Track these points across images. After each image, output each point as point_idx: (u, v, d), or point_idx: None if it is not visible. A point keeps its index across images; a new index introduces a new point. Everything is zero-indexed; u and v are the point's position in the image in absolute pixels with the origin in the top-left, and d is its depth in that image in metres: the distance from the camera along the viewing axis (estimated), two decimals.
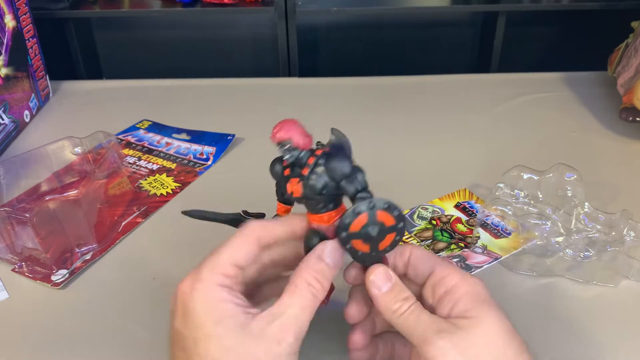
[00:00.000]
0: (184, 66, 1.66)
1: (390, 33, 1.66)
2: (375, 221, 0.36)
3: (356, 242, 0.36)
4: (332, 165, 0.36)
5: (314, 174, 0.36)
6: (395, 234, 0.37)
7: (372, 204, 0.35)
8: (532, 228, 0.53)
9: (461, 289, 0.36)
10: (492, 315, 0.34)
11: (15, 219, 0.53)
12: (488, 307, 0.35)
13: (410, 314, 0.35)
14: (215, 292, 0.33)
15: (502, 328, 0.34)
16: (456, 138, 0.75)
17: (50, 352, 0.47)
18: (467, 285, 0.36)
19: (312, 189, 0.36)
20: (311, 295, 0.34)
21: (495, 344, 0.34)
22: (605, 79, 0.85)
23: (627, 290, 0.51)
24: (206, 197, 0.64)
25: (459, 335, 0.33)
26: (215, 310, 0.32)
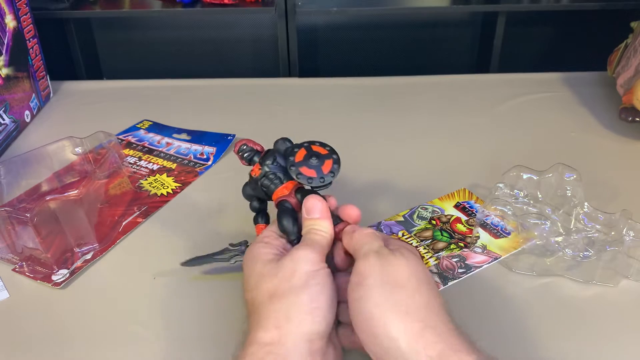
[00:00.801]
0: (184, 66, 1.66)
1: (390, 33, 1.66)
2: (312, 151, 0.47)
3: (303, 168, 0.46)
4: (275, 144, 0.49)
5: (266, 154, 0.49)
6: (332, 161, 0.47)
7: (307, 142, 0.48)
8: (531, 228, 0.53)
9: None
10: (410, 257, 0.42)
11: (15, 219, 0.53)
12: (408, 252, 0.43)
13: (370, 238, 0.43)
14: (256, 247, 0.44)
15: (414, 264, 0.41)
16: (456, 138, 0.75)
17: (50, 352, 0.47)
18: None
19: (267, 163, 0.48)
20: (315, 235, 0.44)
21: (404, 274, 0.40)
22: (605, 79, 0.85)
23: (626, 290, 0.51)
24: (206, 197, 0.65)
25: (387, 259, 0.41)
26: (253, 256, 0.44)
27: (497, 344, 0.46)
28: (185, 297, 0.52)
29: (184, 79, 0.91)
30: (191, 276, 0.53)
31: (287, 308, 0.38)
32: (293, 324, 0.38)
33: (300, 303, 0.38)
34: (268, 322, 0.38)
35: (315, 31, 1.66)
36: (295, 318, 0.38)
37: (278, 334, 0.38)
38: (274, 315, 0.38)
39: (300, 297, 0.39)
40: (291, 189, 0.47)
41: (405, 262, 0.40)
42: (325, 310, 0.39)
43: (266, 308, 0.39)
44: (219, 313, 0.50)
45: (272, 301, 0.39)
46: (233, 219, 0.60)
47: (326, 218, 0.45)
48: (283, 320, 0.38)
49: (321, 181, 0.46)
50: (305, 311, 0.38)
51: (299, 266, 0.40)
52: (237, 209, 0.62)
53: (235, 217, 0.61)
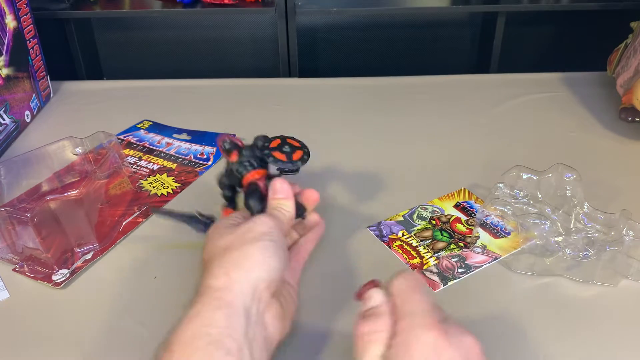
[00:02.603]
0: (185, 66, 1.66)
1: (390, 33, 1.66)
2: (285, 142, 0.52)
3: (276, 153, 0.50)
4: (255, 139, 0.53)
5: (246, 146, 0.52)
6: (302, 153, 0.51)
7: (284, 136, 0.52)
8: (531, 228, 0.53)
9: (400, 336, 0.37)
10: None
11: (16, 219, 0.53)
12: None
13: (367, 343, 0.39)
14: (223, 220, 0.47)
15: None
16: (456, 138, 0.75)
17: (51, 352, 0.47)
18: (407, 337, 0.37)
19: (244, 153, 0.51)
20: (279, 213, 0.47)
21: None
22: (605, 79, 0.85)
23: (626, 290, 0.51)
24: (206, 197, 0.64)
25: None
26: (217, 225, 0.46)
27: (497, 344, 0.46)
28: (185, 297, 0.52)
29: (184, 79, 0.91)
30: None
31: (237, 257, 0.41)
32: (242, 270, 0.40)
33: (251, 253, 0.41)
34: (219, 270, 0.40)
35: (315, 31, 1.66)
36: (244, 266, 0.40)
37: (227, 280, 0.40)
38: (225, 265, 0.41)
39: (251, 249, 0.41)
40: (262, 175, 0.51)
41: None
42: (274, 263, 0.41)
43: (219, 259, 0.41)
44: None
45: (226, 253, 0.41)
46: None
47: (290, 198, 0.48)
48: (232, 268, 0.40)
49: (290, 165, 0.50)
50: (255, 261, 0.41)
51: (255, 226, 0.43)
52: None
53: None
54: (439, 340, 0.35)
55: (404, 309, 0.37)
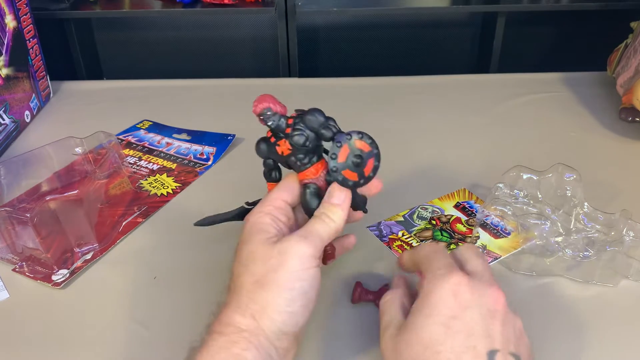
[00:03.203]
0: (184, 66, 1.66)
1: (390, 33, 1.66)
2: (355, 149, 0.43)
3: (346, 172, 0.43)
4: (308, 117, 0.43)
5: (296, 130, 0.43)
6: (373, 159, 0.44)
7: (348, 136, 0.43)
8: (531, 228, 0.53)
9: (423, 288, 0.40)
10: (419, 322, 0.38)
11: (16, 219, 0.53)
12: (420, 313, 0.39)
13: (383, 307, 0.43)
14: (260, 217, 0.43)
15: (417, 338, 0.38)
16: (456, 138, 0.75)
17: (51, 352, 0.47)
18: (428, 286, 0.40)
19: (297, 143, 0.43)
20: (322, 223, 0.43)
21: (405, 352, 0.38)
22: (605, 79, 0.85)
23: (626, 290, 0.51)
24: (206, 197, 0.65)
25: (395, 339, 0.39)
26: (254, 228, 0.43)
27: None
28: (186, 297, 0.52)
29: (184, 79, 0.91)
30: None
31: (265, 302, 0.39)
32: (267, 320, 0.39)
33: (278, 303, 0.39)
34: (246, 310, 0.39)
35: (315, 31, 1.66)
36: (269, 316, 0.39)
37: (254, 324, 0.39)
38: (253, 305, 0.39)
39: (279, 296, 0.39)
40: (320, 172, 0.45)
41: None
42: (297, 315, 0.40)
43: (247, 294, 0.40)
44: None
45: (254, 288, 0.40)
46: None
47: (343, 208, 0.44)
48: (259, 313, 0.39)
49: (362, 183, 0.44)
50: (279, 312, 0.39)
51: (288, 262, 0.40)
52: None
53: None
54: (460, 285, 0.38)
55: (427, 266, 0.41)
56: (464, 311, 0.37)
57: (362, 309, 0.50)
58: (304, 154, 0.44)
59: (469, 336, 0.36)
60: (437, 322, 0.37)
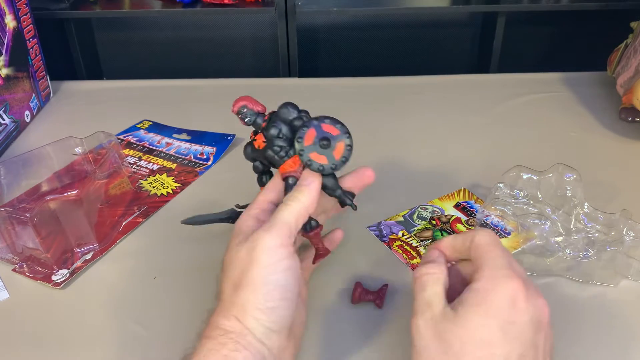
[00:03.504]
0: (184, 66, 1.66)
1: (390, 33, 1.66)
2: (322, 132, 0.43)
3: (313, 155, 0.43)
4: (281, 110, 0.46)
5: (270, 122, 0.45)
6: (343, 143, 0.43)
7: (315, 120, 0.43)
8: (531, 228, 0.53)
9: (479, 282, 0.38)
10: (475, 320, 0.36)
11: (15, 219, 0.53)
12: (477, 310, 0.37)
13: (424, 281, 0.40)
14: (244, 221, 0.44)
15: (473, 335, 0.36)
16: (456, 138, 0.75)
17: (51, 352, 0.47)
18: (487, 283, 0.38)
19: (272, 136, 0.44)
20: (287, 207, 0.42)
21: (456, 346, 0.36)
22: (605, 79, 0.85)
23: (626, 290, 0.51)
24: (206, 197, 0.65)
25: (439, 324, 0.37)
26: (235, 233, 0.43)
27: None
28: (186, 297, 0.52)
29: (184, 79, 0.91)
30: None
31: (244, 302, 0.39)
32: (250, 319, 0.39)
33: (256, 300, 0.39)
34: (229, 312, 0.39)
35: (315, 31, 1.66)
36: (252, 315, 0.39)
37: (239, 326, 0.38)
38: (234, 307, 0.39)
39: (256, 294, 0.39)
40: (298, 164, 0.44)
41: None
42: (281, 309, 0.39)
43: (228, 298, 0.40)
44: None
45: (233, 292, 0.40)
46: None
47: (311, 189, 0.43)
48: (241, 314, 0.39)
49: (332, 167, 0.43)
50: (259, 309, 0.39)
51: (258, 258, 0.39)
52: None
53: None
54: (519, 292, 0.37)
55: (486, 259, 0.39)
56: (520, 318, 0.36)
57: (362, 309, 0.50)
58: (279, 147, 0.44)
59: (522, 344, 0.36)
60: (495, 324, 0.36)
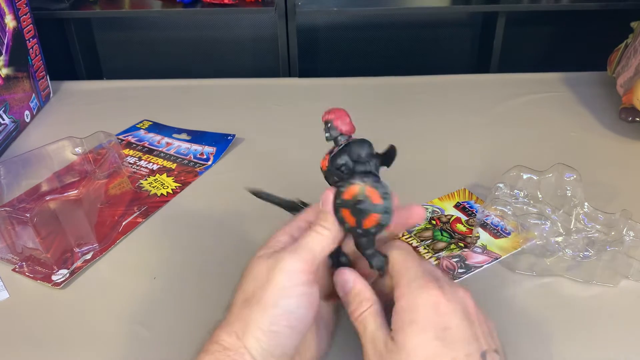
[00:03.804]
0: (184, 66, 1.66)
1: (390, 33, 1.66)
2: (364, 194, 0.39)
3: (345, 211, 0.39)
4: (354, 145, 0.41)
5: (340, 151, 0.41)
6: (379, 215, 0.39)
7: (366, 179, 0.39)
8: (531, 228, 0.53)
9: (400, 302, 0.38)
10: (412, 342, 0.36)
11: (15, 219, 0.53)
12: (410, 332, 0.37)
13: (362, 319, 0.39)
14: (281, 234, 0.42)
15: (420, 357, 0.36)
16: (456, 138, 0.75)
17: (50, 352, 0.47)
18: (407, 301, 0.38)
19: (332, 163, 0.41)
20: (315, 234, 0.40)
21: None
22: (605, 79, 0.85)
23: (626, 290, 0.51)
24: (206, 197, 0.65)
25: (386, 359, 0.37)
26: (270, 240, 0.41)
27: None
28: (185, 297, 0.52)
29: (184, 79, 0.91)
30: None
31: (248, 321, 0.37)
32: (249, 339, 0.37)
33: (261, 321, 0.37)
34: (231, 327, 0.38)
35: (315, 31, 1.66)
36: (252, 335, 0.37)
37: (238, 343, 0.37)
38: (237, 323, 0.38)
39: (262, 315, 0.37)
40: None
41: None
42: (284, 337, 0.37)
43: (235, 311, 0.38)
44: (220, 313, 0.50)
45: (242, 306, 0.38)
46: (233, 218, 0.60)
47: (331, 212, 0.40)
48: (242, 331, 0.37)
49: (359, 232, 0.40)
50: (262, 330, 0.37)
51: (276, 278, 0.38)
52: (237, 208, 0.62)
53: (235, 216, 0.61)
54: (438, 297, 0.37)
55: (401, 274, 0.39)
56: (450, 321, 0.37)
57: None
58: (339, 178, 0.41)
59: (464, 344, 0.36)
60: (431, 336, 0.36)
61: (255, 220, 0.59)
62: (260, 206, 0.63)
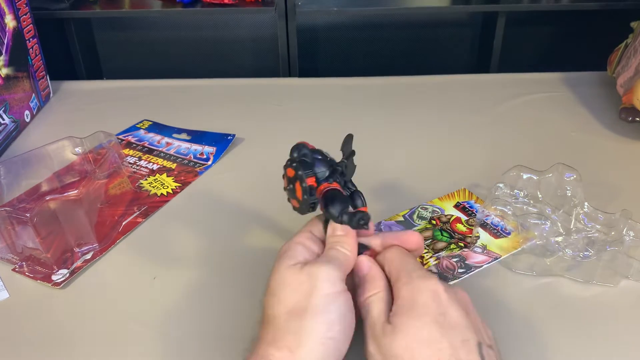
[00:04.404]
0: (184, 66, 1.66)
1: (390, 33, 1.66)
2: (286, 175, 0.45)
3: (290, 199, 0.45)
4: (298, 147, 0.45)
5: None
6: (298, 183, 0.43)
7: (295, 164, 0.44)
8: (531, 228, 0.53)
9: (401, 291, 0.40)
10: (409, 324, 0.38)
11: (15, 219, 0.53)
12: (408, 315, 0.38)
13: (368, 303, 0.40)
14: (291, 245, 0.43)
15: (414, 339, 0.37)
16: (456, 138, 0.75)
17: (50, 352, 0.47)
18: (408, 289, 0.39)
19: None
20: (337, 251, 0.42)
21: (405, 355, 0.37)
22: (605, 79, 0.85)
23: (626, 290, 0.51)
24: (206, 197, 0.65)
25: (381, 342, 0.38)
26: (283, 255, 0.42)
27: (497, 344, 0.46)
28: (186, 297, 0.52)
29: (184, 79, 0.91)
30: None
31: (301, 332, 0.37)
32: (305, 351, 0.37)
33: (316, 330, 0.37)
34: (282, 342, 0.37)
35: (315, 31, 1.66)
36: (308, 346, 0.37)
37: (290, 356, 0.37)
38: (288, 336, 0.37)
39: (316, 323, 0.37)
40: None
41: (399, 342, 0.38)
42: (339, 342, 0.38)
43: (282, 324, 0.38)
44: (219, 313, 0.50)
45: (289, 318, 0.38)
46: (233, 218, 0.60)
47: (351, 236, 0.42)
48: (295, 344, 0.37)
49: (303, 207, 0.43)
50: (319, 341, 0.37)
51: (319, 284, 0.38)
52: (237, 208, 0.62)
53: (235, 216, 0.61)
54: (437, 286, 0.39)
55: (400, 270, 0.41)
56: (448, 308, 0.38)
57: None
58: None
59: (461, 330, 0.37)
60: (430, 321, 0.37)
61: (255, 220, 0.59)
62: (260, 206, 0.63)
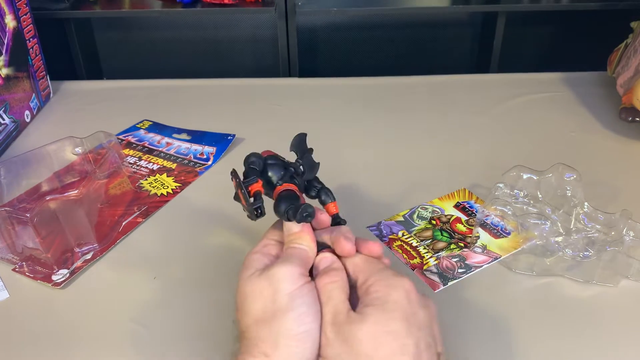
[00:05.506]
0: (184, 66, 1.66)
1: (390, 33, 1.66)
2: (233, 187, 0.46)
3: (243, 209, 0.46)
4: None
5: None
6: (240, 191, 0.46)
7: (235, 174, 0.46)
8: (531, 228, 0.53)
9: (373, 287, 0.39)
10: (378, 316, 0.37)
11: (16, 219, 0.53)
12: (379, 308, 0.38)
13: (329, 289, 0.40)
14: (254, 256, 0.43)
15: (383, 330, 0.37)
16: (456, 138, 0.75)
17: (51, 352, 0.47)
18: (380, 285, 0.39)
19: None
20: (294, 249, 0.42)
21: (369, 344, 0.37)
22: (605, 79, 0.85)
23: (626, 290, 0.51)
24: (206, 197, 0.65)
25: (344, 328, 0.37)
26: (242, 268, 0.42)
27: (497, 344, 0.46)
28: (185, 297, 0.52)
29: (184, 79, 0.91)
30: None
31: (273, 336, 0.37)
32: (281, 351, 0.37)
33: (287, 328, 0.37)
34: (255, 349, 0.37)
35: (315, 31, 1.66)
36: (283, 345, 0.37)
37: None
38: (261, 344, 0.37)
39: (286, 322, 0.37)
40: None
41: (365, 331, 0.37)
42: (314, 332, 0.38)
43: (253, 335, 0.38)
44: (219, 313, 0.50)
45: (258, 327, 0.38)
46: (233, 218, 0.60)
47: (306, 232, 0.43)
48: (270, 348, 0.37)
49: (247, 205, 0.44)
50: (293, 336, 0.37)
51: (280, 285, 0.38)
52: (237, 208, 0.62)
53: (234, 216, 0.61)
54: (410, 287, 0.39)
55: (369, 271, 0.41)
56: (418, 310, 0.38)
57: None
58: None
59: (426, 334, 0.38)
60: (399, 316, 0.37)
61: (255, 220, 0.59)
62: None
